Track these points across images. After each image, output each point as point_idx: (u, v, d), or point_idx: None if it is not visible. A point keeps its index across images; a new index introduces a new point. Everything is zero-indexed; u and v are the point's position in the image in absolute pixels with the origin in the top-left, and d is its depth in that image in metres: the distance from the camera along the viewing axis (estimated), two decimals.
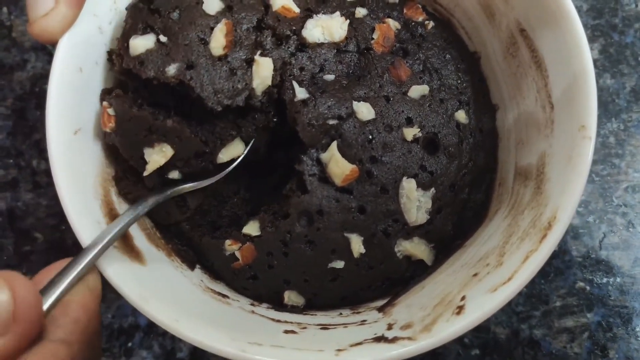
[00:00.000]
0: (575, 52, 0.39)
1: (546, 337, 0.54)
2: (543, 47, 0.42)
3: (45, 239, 0.57)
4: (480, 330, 0.54)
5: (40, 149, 0.59)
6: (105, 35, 0.45)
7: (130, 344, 0.54)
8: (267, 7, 0.44)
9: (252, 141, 0.44)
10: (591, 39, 0.61)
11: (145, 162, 0.41)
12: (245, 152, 0.44)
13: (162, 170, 0.42)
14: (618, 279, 0.54)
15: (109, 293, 0.54)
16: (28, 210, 0.57)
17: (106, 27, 0.44)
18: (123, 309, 0.55)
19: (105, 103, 0.42)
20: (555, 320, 0.54)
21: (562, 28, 0.40)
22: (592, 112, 0.37)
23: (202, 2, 0.43)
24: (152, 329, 0.54)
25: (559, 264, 0.55)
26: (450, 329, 0.35)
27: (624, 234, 0.56)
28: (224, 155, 0.43)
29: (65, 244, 0.56)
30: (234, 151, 0.43)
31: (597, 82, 0.58)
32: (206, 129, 0.42)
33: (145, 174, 0.41)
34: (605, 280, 0.54)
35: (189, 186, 0.44)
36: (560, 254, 0.55)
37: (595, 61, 0.60)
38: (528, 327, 0.54)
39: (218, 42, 0.42)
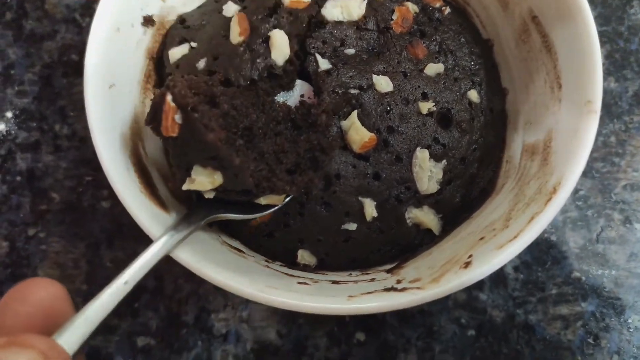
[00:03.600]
0: (584, 34, 0.41)
1: (541, 322, 0.55)
2: (553, 31, 0.45)
3: (61, 199, 0.58)
4: (477, 312, 0.55)
5: (64, 115, 0.61)
6: (143, 0, 0.47)
7: (136, 305, 0.55)
8: (280, 3, 0.48)
9: (289, 197, 0.45)
10: None
11: (187, 174, 0.40)
12: (283, 203, 0.44)
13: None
14: (613, 272, 0.56)
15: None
16: (47, 172, 0.59)
17: None
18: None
19: (172, 106, 0.37)
20: (550, 307, 0.56)
21: (572, 12, 0.43)
22: (598, 87, 0.40)
23: (222, 10, 0.48)
24: (159, 291, 0.55)
25: (556, 254, 0.57)
26: (457, 280, 0.37)
27: (620, 229, 0.58)
28: (264, 200, 0.43)
29: (80, 206, 0.58)
30: (274, 199, 0.43)
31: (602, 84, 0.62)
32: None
33: (184, 187, 0.40)
34: (600, 272, 0.56)
35: (233, 216, 0.44)
36: (558, 244, 0.57)
37: None
38: (524, 312, 0.55)
39: (234, 31, 0.46)
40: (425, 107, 0.46)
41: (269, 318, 0.54)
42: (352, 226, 0.45)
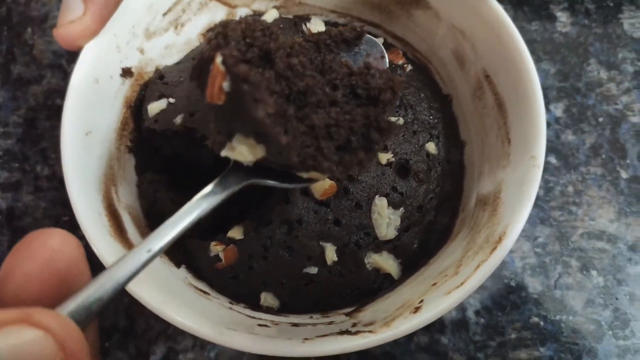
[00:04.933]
0: (531, 94, 0.45)
1: None
2: (503, 90, 0.48)
3: None
4: (439, 355, 0.57)
5: (46, 157, 0.63)
6: (122, 53, 0.50)
7: (107, 344, 0.57)
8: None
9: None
10: (556, 99, 0.68)
11: (228, 139, 0.37)
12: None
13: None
14: (571, 317, 0.58)
15: None
16: (27, 211, 0.61)
17: (123, 47, 0.50)
18: (105, 309, 0.58)
19: (221, 70, 0.33)
20: (509, 352, 0.57)
21: (520, 75, 0.46)
22: (541, 143, 0.43)
23: None
24: (130, 331, 0.57)
25: (515, 299, 0.59)
26: (407, 324, 0.39)
27: (578, 276, 0.60)
28: (306, 174, 0.39)
29: None
30: (316, 175, 0.39)
31: (560, 137, 0.65)
32: None
33: (223, 154, 0.37)
34: (558, 317, 0.58)
35: (272, 183, 0.41)
36: (517, 289, 0.59)
37: (558, 119, 0.67)
38: (484, 356, 0.57)
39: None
40: (385, 157, 0.49)
41: (237, 358, 0.55)
42: (314, 270, 0.47)
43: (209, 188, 0.40)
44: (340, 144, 0.37)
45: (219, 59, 0.33)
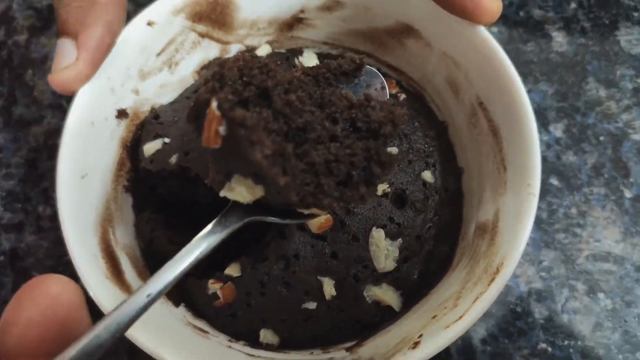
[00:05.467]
0: (524, 122, 0.45)
1: None
2: (498, 118, 0.48)
3: None
4: None
5: (47, 196, 0.64)
6: (117, 95, 0.51)
7: None
8: None
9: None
10: (556, 120, 0.68)
11: (227, 179, 0.37)
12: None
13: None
14: (579, 343, 0.57)
15: None
16: (29, 251, 0.61)
17: (118, 89, 0.51)
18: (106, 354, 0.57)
19: (217, 115, 0.33)
20: None
21: (513, 103, 0.46)
22: (536, 171, 0.43)
23: None
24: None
25: (522, 325, 0.58)
26: None
27: (584, 300, 0.59)
28: (306, 211, 0.39)
29: None
30: (317, 210, 0.39)
31: (561, 158, 0.65)
32: None
33: (222, 194, 0.37)
34: (566, 342, 0.57)
35: (273, 219, 0.41)
36: (523, 315, 0.58)
37: (558, 139, 0.66)
38: None
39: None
40: (381, 188, 0.49)
41: None
42: (312, 305, 0.46)
43: (209, 227, 0.40)
44: (341, 179, 0.37)
45: (214, 104, 0.33)
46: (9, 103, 0.69)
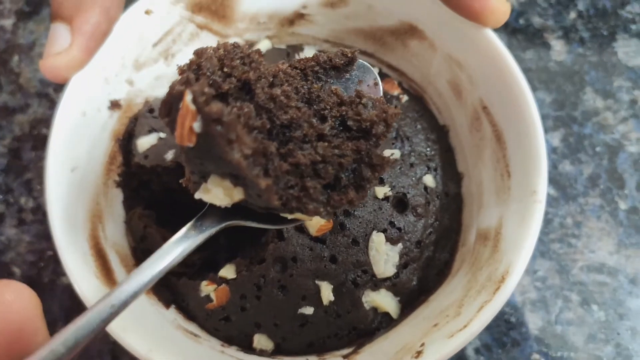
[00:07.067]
0: (530, 126, 0.44)
1: None
2: (502, 122, 0.47)
3: (22, 274, 0.58)
4: None
5: (30, 188, 0.61)
6: (110, 85, 0.49)
7: None
8: None
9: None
10: (552, 129, 0.67)
11: (203, 180, 0.34)
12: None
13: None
14: (572, 354, 0.56)
15: None
16: (10, 245, 0.59)
17: (112, 79, 0.49)
18: (89, 351, 0.55)
19: (191, 109, 0.30)
20: None
21: (518, 105, 0.45)
22: (543, 178, 0.42)
23: None
24: None
25: (516, 335, 0.57)
26: None
27: (578, 311, 0.58)
28: (290, 215, 0.36)
29: (41, 281, 0.57)
30: (302, 216, 0.36)
31: (557, 167, 0.64)
32: None
33: (197, 196, 0.35)
34: (559, 354, 0.56)
35: (253, 224, 0.39)
36: (517, 326, 0.58)
37: (555, 148, 0.66)
38: None
39: None
40: (382, 191, 0.47)
41: None
42: (309, 310, 0.45)
43: (182, 232, 0.37)
44: (329, 182, 0.34)
45: (188, 97, 0.30)
46: None
